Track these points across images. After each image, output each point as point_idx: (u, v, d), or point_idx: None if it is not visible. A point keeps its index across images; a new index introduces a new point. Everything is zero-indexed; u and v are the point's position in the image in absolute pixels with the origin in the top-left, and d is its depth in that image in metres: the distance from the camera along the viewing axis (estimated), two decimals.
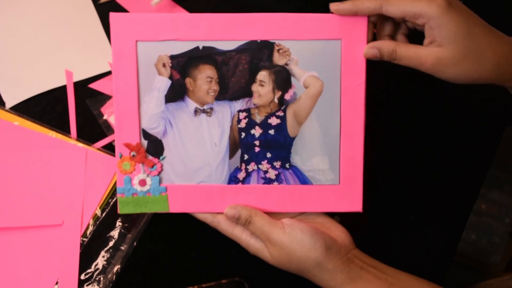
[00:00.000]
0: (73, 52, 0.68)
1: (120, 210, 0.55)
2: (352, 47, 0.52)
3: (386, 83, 0.67)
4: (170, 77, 0.53)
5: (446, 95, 0.68)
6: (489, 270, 1.17)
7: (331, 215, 0.57)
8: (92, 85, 0.66)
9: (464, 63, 0.49)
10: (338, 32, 0.52)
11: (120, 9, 0.67)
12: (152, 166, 0.54)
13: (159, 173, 0.54)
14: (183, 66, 0.53)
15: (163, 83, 0.53)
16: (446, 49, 0.49)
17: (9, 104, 0.65)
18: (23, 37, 0.68)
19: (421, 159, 0.67)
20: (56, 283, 0.58)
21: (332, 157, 0.54)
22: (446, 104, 0.69)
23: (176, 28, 0.52)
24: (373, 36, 0.54)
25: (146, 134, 0.54)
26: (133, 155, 0.54)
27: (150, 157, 0.54)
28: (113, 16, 0.52)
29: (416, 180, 0.66)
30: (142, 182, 0.54)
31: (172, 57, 0.53)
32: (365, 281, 0.52)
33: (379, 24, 0.54)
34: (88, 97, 0.65)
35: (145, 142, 0.54)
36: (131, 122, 0.53)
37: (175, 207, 0.55)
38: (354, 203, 0.55)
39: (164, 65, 0.53)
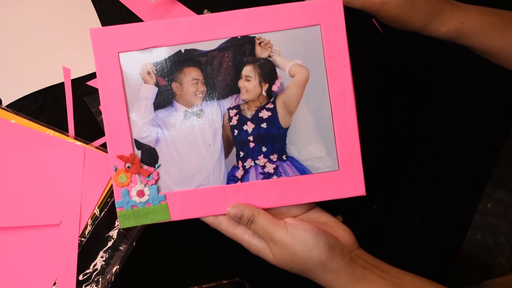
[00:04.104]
0: (71, 49, 0.67)
1: (122, 225, 0.53)
2: (331, 30, 0.53)
3: (387, 83, 0.68)
4: (156, 84, 0.53)
5: (451, 92, 0.68)
6: (495, 270, 1.15)
7: (334, 214, 0.56)
8: (90, 83, 0.65)
9: (402, 7, 0.60)
10: (315, 18, 0.53)
11: (120, 6, 0.67)
12: (149, 176, 0.53)
13: (156, 181, 0.53)
14: (167, 71, 0.53)
15: (150, 91, 0.53)
16: None
17: (5, 101, 0.64)
18: (21, 34, 0.67)
19: (426, 157, 0.66)
20: (54, 284, 0.56)
21: (328, 143, 0.54)
22: (451, 102, 0.68)
23: (156, 35, 0.53)
24: None
25: (138, 144, 0.53)
26: (128, 167, 0.53)
27: (146, 167, 0.53)
28: (93, 31, 0.53)
29: (420, 179, 0.66)
30: (140, 193, 0.53)
31: (156, 64, 0.53)
32: (369, 281, 0.51)
33: None
34: (86, 94, 0.64)
35: (138, 152, 0.53)
36: (123, 134, 0.53)
37: (176, 215, 0.53)
38: (356, 187, 0.54)
39: (149, 73, 0.53)
